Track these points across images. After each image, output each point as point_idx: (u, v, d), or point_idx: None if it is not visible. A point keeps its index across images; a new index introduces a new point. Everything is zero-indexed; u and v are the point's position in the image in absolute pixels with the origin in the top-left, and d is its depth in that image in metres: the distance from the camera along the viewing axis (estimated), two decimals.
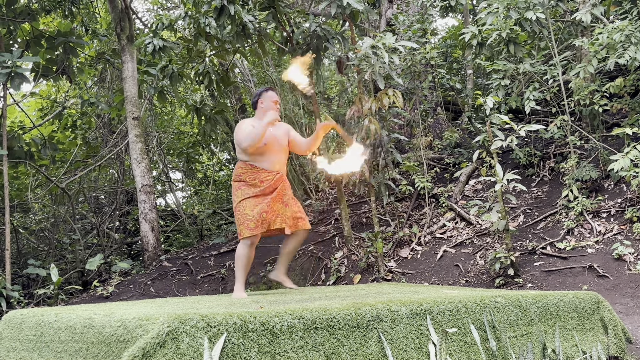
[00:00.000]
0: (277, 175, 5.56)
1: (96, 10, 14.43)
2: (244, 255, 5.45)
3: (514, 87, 9.29)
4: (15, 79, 9.17)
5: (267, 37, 9.28)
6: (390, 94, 8.02)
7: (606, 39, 7.78)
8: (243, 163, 5.55)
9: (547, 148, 9.88)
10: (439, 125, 12.04)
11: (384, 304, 3.78)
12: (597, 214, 8.12)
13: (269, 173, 5.53)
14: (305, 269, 9.40)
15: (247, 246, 5.45)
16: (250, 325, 3.17)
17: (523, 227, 8.58)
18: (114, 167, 14.53)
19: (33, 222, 13.38)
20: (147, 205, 10.99)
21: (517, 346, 4.17)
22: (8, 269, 9.45)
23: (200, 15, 8.70)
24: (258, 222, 5.41)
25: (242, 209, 5.44)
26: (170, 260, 10.80)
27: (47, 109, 14.39)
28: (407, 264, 8.76)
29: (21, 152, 11.20)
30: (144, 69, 11.47)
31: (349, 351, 3.45)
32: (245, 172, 5.51)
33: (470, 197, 9.64)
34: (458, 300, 4.11)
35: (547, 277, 7.33)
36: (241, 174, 5.53)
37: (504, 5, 8.41)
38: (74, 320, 3.62)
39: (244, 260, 5.45)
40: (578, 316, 4.70)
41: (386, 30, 9.90)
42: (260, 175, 5.49)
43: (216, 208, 14.13)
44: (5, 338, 4.16)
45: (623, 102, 8.96)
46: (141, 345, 2.89)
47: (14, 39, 11.40)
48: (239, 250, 5.47)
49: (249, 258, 5.49)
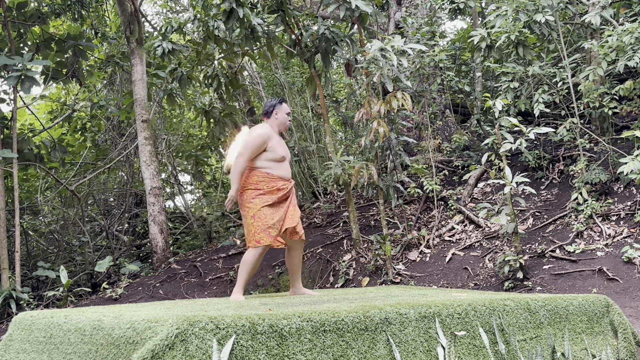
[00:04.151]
0: (290, 184, 5.64)
1: (106, 13, 14.51)
2: (252, 263, 5.45)
3: (523, 89, 9.27)
4: (25, 82, 9.22)
5: (276, 40, 9.30)
6: (399, 96, 8.01)
7: (616, 42, 7.75)
8: (258, 171, 5.54)
9: (556, 151, 9.85)
10: (447, 128, 12.02)
11: (393, 307, 3.77)
12: (607, 217, 8.08)
13: (285, 181, 5.58)
14: (314, 272, 9.40)
15: (258, 254, 5.45)
16: (259, 328, 3.17)
17: (532, 230, 8.55)
18: (123, 169, 14.58)
19: (42, 225, 13.44)
20: (156, 208, 11.02)
21: (526, 349, 4.16)
22: (18, 271, 9.49)
23: (209, 18, 8.73)
24: (277, 229, 5.45)
25: (263, 217, 5.44)
26: (179, 263, 10.83)
27: (56, 112, 14.47)
28: (415, 266, 8.74)
29: (31, 155, 11.26)
30: (153, 72, 11.51)
31: (358, 354, 3.44)
32: (263, 180, 5.53)
33: (479, 200, 9.62)
34: (467, 303, 4.10)
35: (557, 280, 7.30)
36: (258, 182, 5.53)
37: (513, 8, 8.40)
38: (83, 322, 3.63)
39: (250, 267, 5.46)
40: (587, 319, 4.68)
41: (395, 33, 9.91)
42: (278, 183, 5.53)
43: (225, 211, 14.16)
44: (15, 340, 4.18)
45: (633, 104, 8.92)
46: (150, 347, 2.90)
47: (24, 42, 11.47)
48: (248, 257, 5.46)
49: (255, 266, 5.50)
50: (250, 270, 5.47)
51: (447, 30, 16.13)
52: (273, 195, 5.50)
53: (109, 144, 14.49)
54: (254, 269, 5.50)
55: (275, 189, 5.51)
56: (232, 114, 11.46)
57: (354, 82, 13.08)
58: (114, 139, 14.31)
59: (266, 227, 5.41)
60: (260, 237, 5.42)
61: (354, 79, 12.60)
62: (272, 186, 5.51)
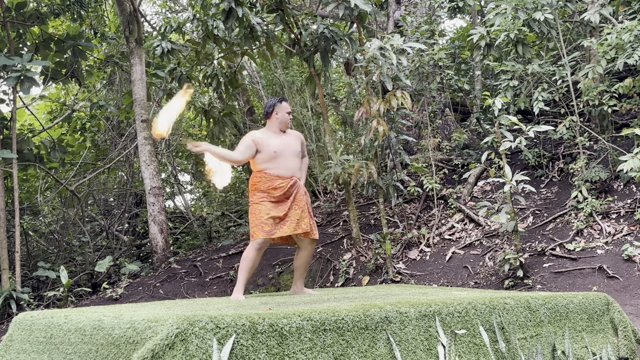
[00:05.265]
0: (291, 181, 5.56)
1: (105, 13, 14.50)
2: (251, 259, 5.46)
3: (522, 88, 9.27)
4: (24, 83, 9.22)
5: (275, 39, 9.29)
6: (399, 95, 8.01)
7: (615, 39, 7.75)
8: (257, 172, 5.59)
9: (556, 149, 9.85)
10: (447, 127, 12.02)
11: (393, 306, 3.77)
12: (607, 214, 8.08)
13: (283, 179, 5.54)
14: (314, 271, 9.40)
15: (256, 250, 5.46)
16: (259, 327, 3.17)
17: (532, 228, 8.55)
18: (123, 169, 14.58)
19: (43, 225, 13.44)
20: (156, 208, 11.02)
21: (527, 348, 4.16)
22: (18, 271, 9.50)
23: (208, 17, 8.72)
24: (273, 225, 5.43)
25: (258, 212, 5.47)
26: (179, 262, 10.83)
27: (56, 112, 14.47)
28: (415, 265, 8.74)
29: (31, 155, 11.26)
30: (153, 72, 11.51)
31: (358, 353, 3.44)
32: (260, 180, 5.54)
33: (479, 199, 9.62)
34: (467, 301, 4.10)
35: (557, 278, 7.30)
36: (256, 182, 5.56)
37: (512, 6, 8.39)
38: (83, 322, 3.63)
39: (250, 264, 5.46)
40: (588, 317, 4.68)
41: (394, 32, 9.90)
42: (274, 182, 5.51)
43: (225, 210, 14.16)
44: (15, 340, 4.18)
45: (632, 102, 8.93)
46: (150, 346, 2.90)
47: (23, 42, 11.47)
48: (247, 253, 5.48)
49: (254, 262, 5.49)
50: (249, 267, 5.47)
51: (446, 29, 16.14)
52: (270, 194, 5.50)
53: (108, 144, 14.49)
54: (253, 265, 5.49)
55: (271, 188, 5.50)
56: (232, 113, 11.46)
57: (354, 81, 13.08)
58: (113, 139, 14.31)
59: (259, 222, 5.43)
60: (254, 231, 5.47)
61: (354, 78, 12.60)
62: (268, 186, 5.51)
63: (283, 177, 5.55)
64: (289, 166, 5.60)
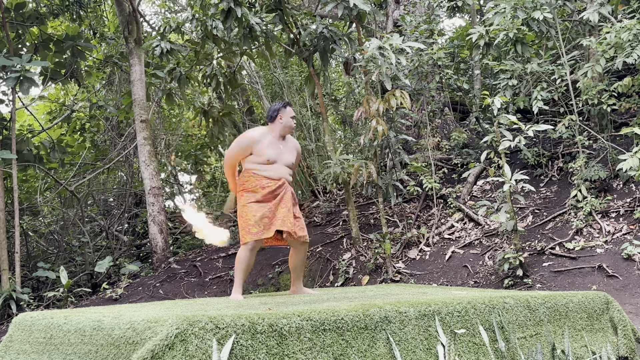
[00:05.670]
0: (279, 182, 5.55)
1: (104, 13, 14.50)
2: (245, 259, 5.47)
3: (521, 87, 9.27)
4: (24, 83, 9.22)
5: (274, 39, 9.29)
6: (398, 94, 8.01)
7: (614, 38, 7.75)
8: (246, 171, 5.59)
9: (555, 148, 9.85)
10: (446, 126, 12.03)
11: (392, 305, 3.77)
12: (606, 213, 8.09)
13: (270, 180, 5.52)
14: (314, 271, 9.40)
15: (248, 251, 5.47)
16: (259, 327, 3.17)
17: (532, 227, 8.56)
18: (122, 169, 14.58)
19: (42, 225, 13.44)
20: (155, 208, 11.02)
21: (526, 347, 4.16)
22: (18, 271, 9.50)
23: (207, 17, 8.72)
24: (260, 227, 5.42)
25: (245, 215, 5.47)
26: (178, 263, 10.83)
27: (55, 112, 14.46)
28: (415, 264, 8.74)
29: (30, 156, 11.26)
30: (152, 72, 11.51)
31: (357, 352, 3.44)
32: (248, 179, 5.54)
33: (479, 198, 9.62)
34: (467, 301, 4.10)
35: (556, 277, 7.31)
36: (244, 182, 5.57)
37: (511, 5, 8.39)
38: (83, 323, 3.63)
39: (244, 264, 5.48)
40: (587, 316, 4.68)
41: (393, 31, 9.90)
42: (262, 182, 5.50)
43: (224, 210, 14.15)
44: (15, 341, 4.18)
45: (631, 101, 8.92)
46: (150, 347, 2.90)
47: (22, 42, 11.47)
48: (239, 254, 5.50)
49: (248, 262, 5.50)
50: (244, 268, 5.48)
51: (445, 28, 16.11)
52: (257, 193, 5.48)
53: (108, 144, 14.49)
54: (247, 266, 5.50)
55: (259, 187, 5.49)
56: (231, 113, 11.46)
57: (353, 80, 13.08)
58: (113, 139, 14.30)
59: (246, 224, 5.45)
60: (242, 235, 5.48)
61: (353, 78, 12.60)
62: (255, 185, 5.50)
63: (271, 178, 5.54)
64: (280, 172, 5.60)
